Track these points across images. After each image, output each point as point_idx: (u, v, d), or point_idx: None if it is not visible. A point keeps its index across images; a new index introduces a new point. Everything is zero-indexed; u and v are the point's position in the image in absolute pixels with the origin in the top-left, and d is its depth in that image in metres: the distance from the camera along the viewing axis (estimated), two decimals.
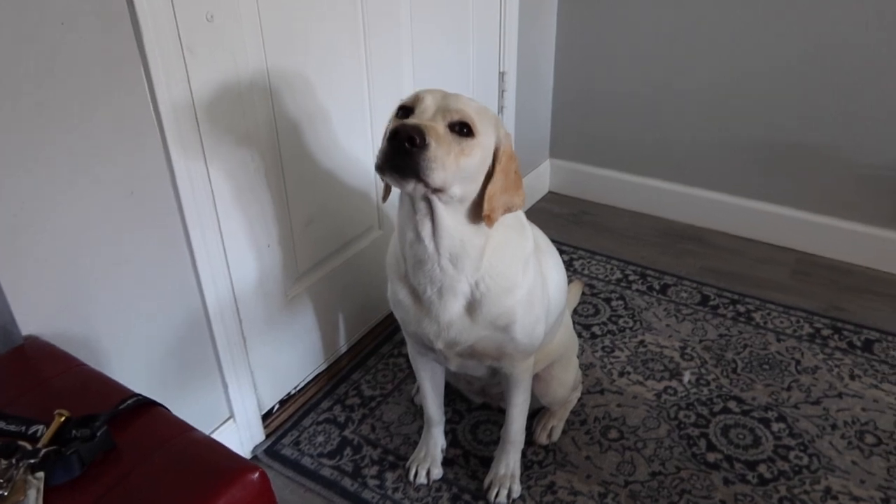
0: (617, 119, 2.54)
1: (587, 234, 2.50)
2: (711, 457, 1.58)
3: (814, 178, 2.26)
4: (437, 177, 1.02)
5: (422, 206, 1.12)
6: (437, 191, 1.05)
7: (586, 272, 2.27)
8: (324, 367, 1.82)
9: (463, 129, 1.06)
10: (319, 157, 1.60)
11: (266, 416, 1.67)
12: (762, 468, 1.55)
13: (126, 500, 0.82)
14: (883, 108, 2.06)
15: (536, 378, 1.51)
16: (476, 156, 1.09)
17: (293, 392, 1.74)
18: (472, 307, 1.23)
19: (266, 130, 1.43)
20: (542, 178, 2.74)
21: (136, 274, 1.25)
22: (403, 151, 1.00)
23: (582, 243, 2.43)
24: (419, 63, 1.83)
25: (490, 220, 1.13)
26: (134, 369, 1.28)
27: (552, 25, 2.50)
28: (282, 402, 1.71)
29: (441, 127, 1.05)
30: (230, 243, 1.42)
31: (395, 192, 1.19)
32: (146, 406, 0.93)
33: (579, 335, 1.86)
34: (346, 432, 1.67)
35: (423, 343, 1.33)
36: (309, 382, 1.78)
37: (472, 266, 1.19)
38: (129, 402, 0.91)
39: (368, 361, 1.89)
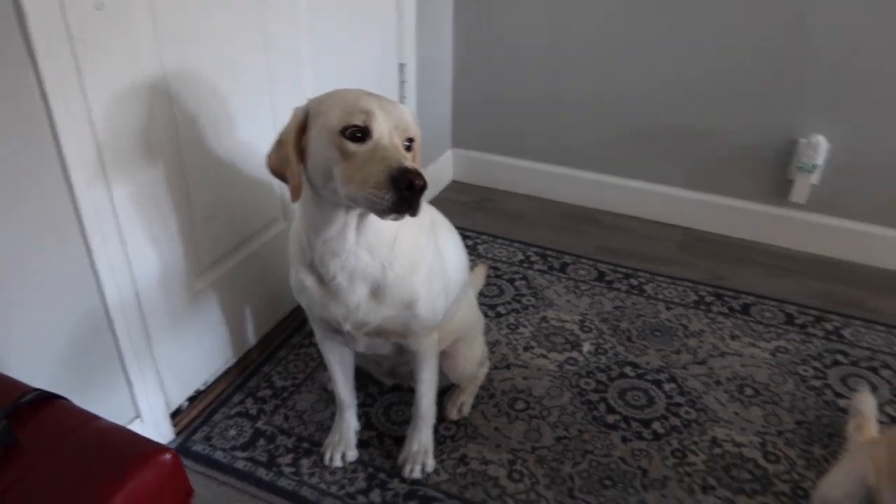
0: (516, 109, 2.64)
1: (490, 220, 2.58)
2: (610, 418, 1.69)
3: (694, 158, 2.44)
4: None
5: (354, 210, 1.16)
6: None
7: (490, 255, 2.35)
8: (233, 361, 1.81)
9: (409, 143, 1.13)
10: (219, 150, 1.59)
11: (175, 414, 1.65)
12: (656, 425, 1.67)
13: (32, 494, 0.81)
14: (750, 92, 2.25)
15: (444, 355, 1.57)
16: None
17: (202, 388, 1.73)
18: (378, 289, 1.27)
19: (164, 123, 1.42)
20: (445, 168, 2.80)
21: (30, 273, 1.21)
22: (410, 197, 1.02)
23: (486, 228, 2.51)
24: (319, 52, 1.83)
25: None
26: (32, 371, 1.24)
27: (449, 17, 2.56)
28: (191, 399, 1.70)
29: (404, 152, 1.10)
30: (130, 239, 1.39)
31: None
32: (48, 399, 0.92)
33: (485, 315, 1.94)
34: (259, 424, 1.67)
35: (331, 326, 1.36)
36: (219, 378, 1.77)
37: (387, 250, 1.24)
38: (28, 396, 0.89)
39: (279, 353, 1.89)
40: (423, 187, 1.03)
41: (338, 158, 1.09)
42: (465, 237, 2.44)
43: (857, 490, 1.25)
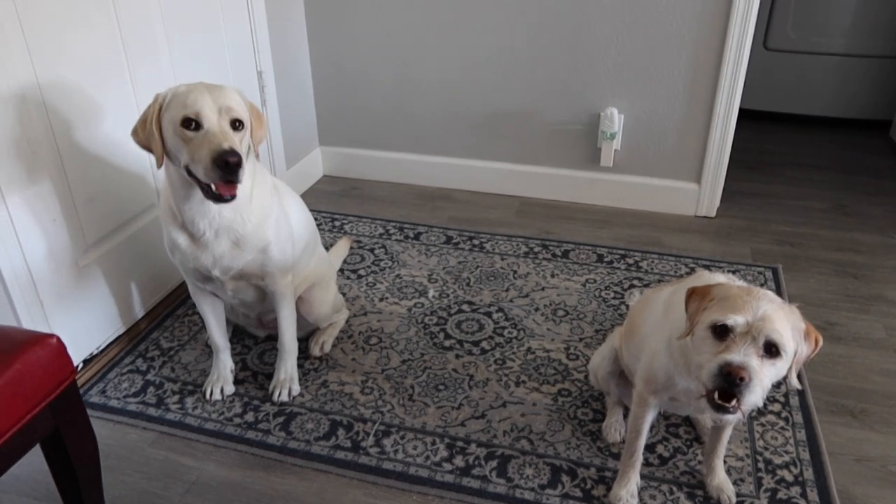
0: (370, 107, 3.02)
1: (356, 204, 2.94)
2: (447, 343, 2.06)
3: (523, 137, 2.88)
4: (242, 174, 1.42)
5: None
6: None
7: (355, 232, 2.70)
8: (123, 330, 2.07)
9: (237, 124, 1.46)
10: (91, 146, 1.87)
11: None
12: (484, 344, 2.06)
13: None
14: (558, 78, 2.71)
15: (301, 300, 1.90)
16: (247, 136, 1.50)
17: (96, 352, 1.98)
18: (239, 239, 1.60)
19: (40, 122, 1.69)
20: (315, 164, 3.14)
21: None
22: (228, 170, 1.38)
23: (352, 211, 2.86)
24: (178, 64, 2.15)
25: (258, 155, 1.59)
26: None
27: (302, 26, 2.91)
28: (86, 362, 1.95)
29: (230, 132, 1.43)
30: (17, 218, 1.66)
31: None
32: None
33: (348, 278, 2.28)
34: (149, 376, 1.95)
35: (201, 276, 1.67)
36: (110, 343, 2.03)
37: (245, 206, 1.58)
38: None
39: (165, 322, 2.17)
40: (238, 163, 1.37)
41: (181, 143, 1.43)
42: (333, 220, 2.80)
43: (609, 353, 1.68)
